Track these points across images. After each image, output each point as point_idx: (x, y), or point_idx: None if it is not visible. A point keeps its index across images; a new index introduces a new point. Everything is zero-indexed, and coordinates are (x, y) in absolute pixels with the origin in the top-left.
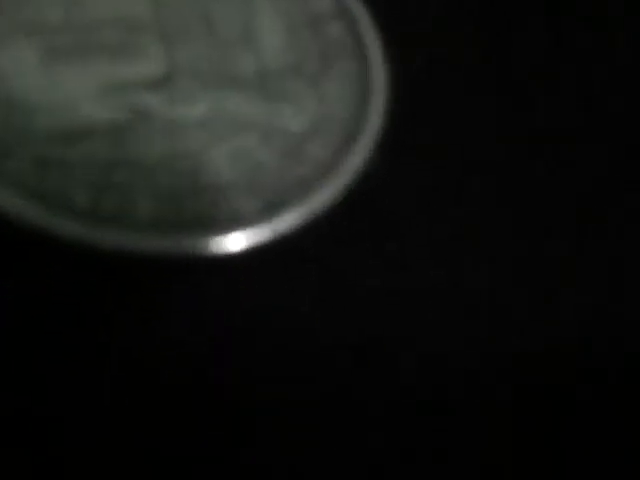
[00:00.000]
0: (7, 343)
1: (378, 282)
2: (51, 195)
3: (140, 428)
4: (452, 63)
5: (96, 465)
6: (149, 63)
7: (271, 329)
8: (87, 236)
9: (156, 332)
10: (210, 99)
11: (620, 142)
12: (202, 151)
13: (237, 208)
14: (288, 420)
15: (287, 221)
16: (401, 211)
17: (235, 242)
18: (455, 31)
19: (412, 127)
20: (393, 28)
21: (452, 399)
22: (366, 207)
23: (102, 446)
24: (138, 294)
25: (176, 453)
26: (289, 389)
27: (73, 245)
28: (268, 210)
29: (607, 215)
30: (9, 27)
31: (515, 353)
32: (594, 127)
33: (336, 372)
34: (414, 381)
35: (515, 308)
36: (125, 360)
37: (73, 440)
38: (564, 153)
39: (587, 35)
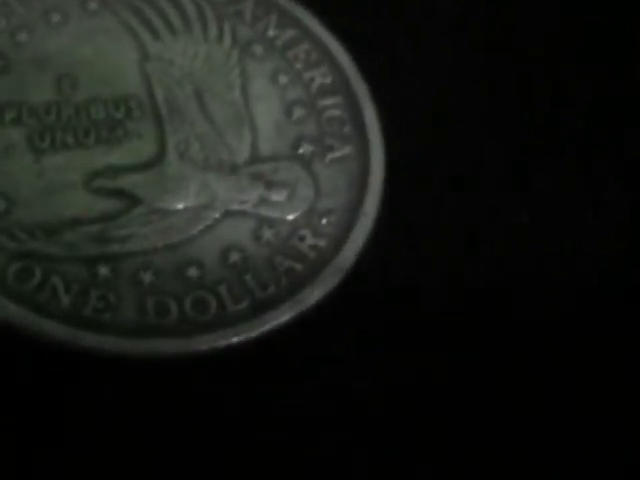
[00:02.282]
0: None
1: (365, 383)
2: (32, 292)
3: None
4: (454, 143)
5: None
6: (140, 145)
7: (263, 428)
8: (68, 336)
9: (139, 436)
10: (200, 185)
11: None
12: (190, 243)
13: (224, 306)
14: None
15: (276, 319)
16: (395, 310)
17: (221, 341)
18: (459, 109)
19: (410, 218)
20: (393, 105)
21: None
22: (358, 305)
23: None
24: (119, 396)
25: None
26: None
27: (52, 345)
28: (256, 307)
29: None
30: None
31: None
32: None
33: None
34: None
35: None
36: (106, 461)
37: None
38: None
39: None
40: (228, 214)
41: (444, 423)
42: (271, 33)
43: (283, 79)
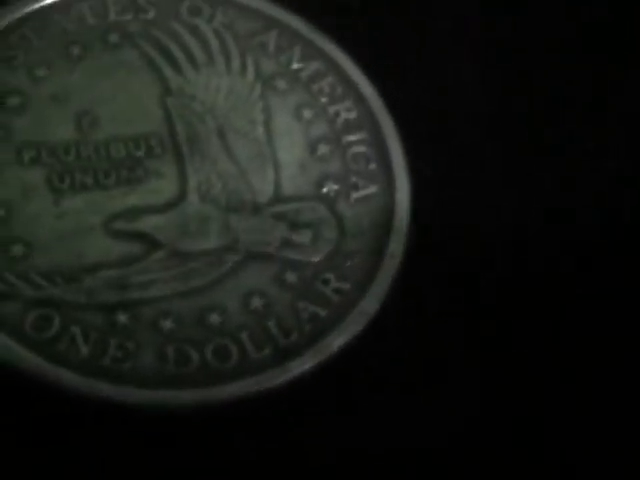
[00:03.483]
0: None
1: (391, 432)
2: (50, 342)
3: None
4: (482, 181)
5: None
6: (160, 185)
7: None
8: (86, 386)
9: None
10: (222, 226)
11: None
12: (211, 288)
13: (246, 353)
14: None
15: (299, 366)
16: (419, 359)
17: (243, 390)
18: (487, 145)
19: (438, 258)
20: (419, 140)
21: None
22: (383, 352)
23: None
24: (139, 447)
25: None
26: None
27: (70, 395)
28: (279, 355)
29: None
30: (15, 147)
31: None
32: None
33: None
34: None
35: None
36: None
37: None
38: None
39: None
40: (250, 257)
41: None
42: (295, 66)
43: (307, 114)
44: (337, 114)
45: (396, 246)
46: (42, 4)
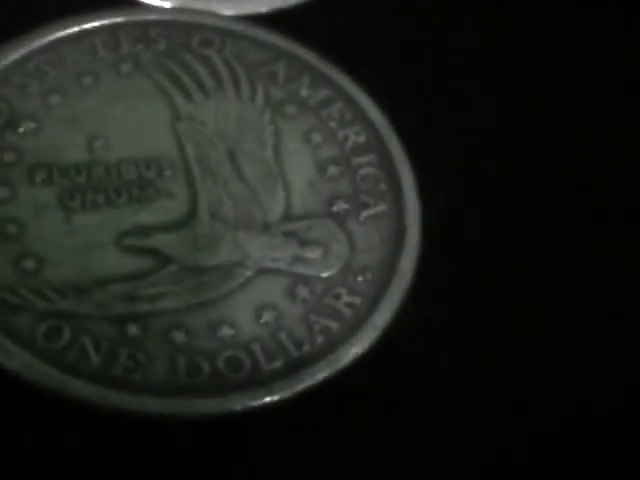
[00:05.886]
0: None
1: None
2: (61, 352)
3: None
4: (489, 199)
5: None
6: (171, 204)
7: None
8: (97, 396)
9: None
10: (232, 243)
11: None
12: (222, 301)
13: (258, 364)
14: None
15: (311, 378)
16: (431, 369)
17: (255, 400)
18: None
19: (447, 274)
20: (427, 162)
21: None
22: (394, 363)
23: None
24: (150, 458)
25: None
26: None
27: (81, 405)
28: (291, 366)
29: None
30: (28, 168)
31: None
32: None
33: None
34: None
35: None
36: None
37: None
38: None
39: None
40: (261, 272)
41: None
42: (304, 93)
43: (316, 138)
44: (346, 138)
45: (406, 261)
46: (56, 36)
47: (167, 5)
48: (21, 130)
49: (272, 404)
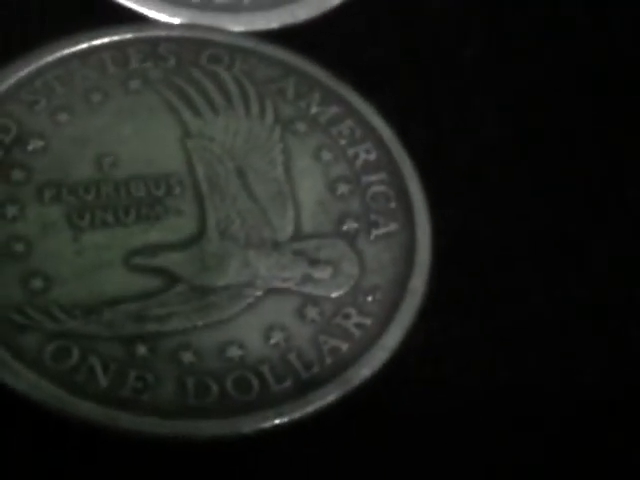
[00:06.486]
0: None
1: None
2: (69, 373)
3: None
4: (501, 217)
5: None
6: (180, 222)
7: None
8: (105, 417)
9: None
10: (241, 262)
11: None
12: (231, 322)
13: (267, 385)
14: None
15: (320, 399)
16: (442, 391)
17: (264, 422)
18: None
19: (458, 295)
20: (438, 180)
21: None
22: (404, 384)
23: None
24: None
25: None
26: None
27: (89, 426)
28: (300, 387)
29: None
30: (36, 186)
31: None
32: None
33: None
34: None
35: None
36: None
37: None
38: None
39: None
40: (270, 292)
41: None
42: (314, 110)
43: (326, 155)
44: (356, 156)
45: (417, 281)
46: (65, 52)
47: (176, 21)
48: (30, 148)
49: (281, 426)
